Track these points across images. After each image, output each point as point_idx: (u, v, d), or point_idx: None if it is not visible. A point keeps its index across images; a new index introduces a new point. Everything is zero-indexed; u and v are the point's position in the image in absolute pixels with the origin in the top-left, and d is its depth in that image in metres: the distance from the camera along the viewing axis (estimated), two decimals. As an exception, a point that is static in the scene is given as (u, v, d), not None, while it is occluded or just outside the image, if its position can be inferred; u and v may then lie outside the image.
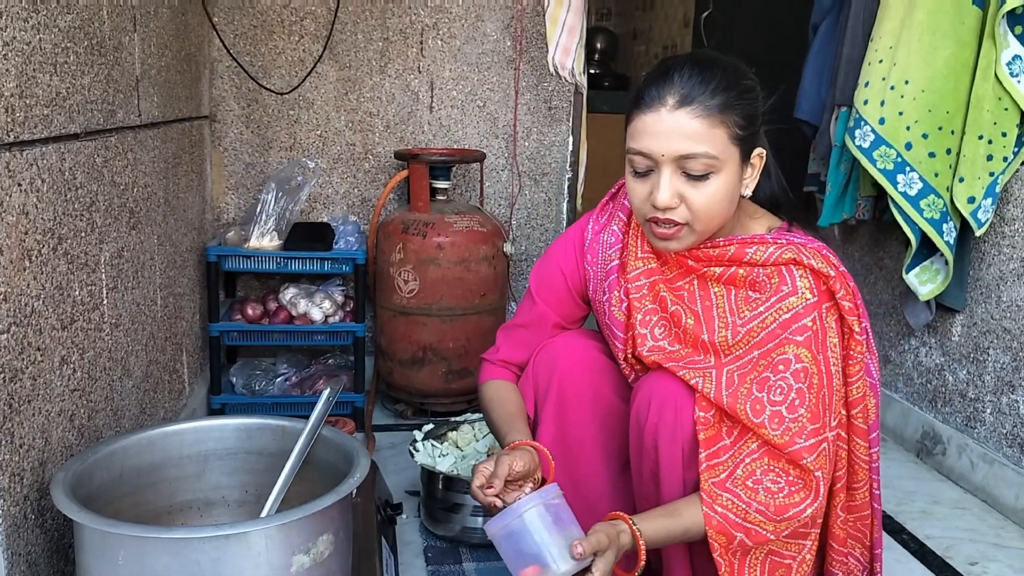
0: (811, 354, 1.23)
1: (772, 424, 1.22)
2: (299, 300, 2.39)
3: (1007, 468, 2.04)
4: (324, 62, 2.57)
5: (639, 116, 1.23)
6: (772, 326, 1.25)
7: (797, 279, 1.25)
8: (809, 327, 1.23)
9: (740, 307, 1.29)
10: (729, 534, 1.22)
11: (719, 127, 1.20)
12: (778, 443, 1.21)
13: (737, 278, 1.29)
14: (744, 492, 1.22)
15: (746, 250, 1.28)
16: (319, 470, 1.32)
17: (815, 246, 1.30)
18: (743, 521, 1.22)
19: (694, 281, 1.34)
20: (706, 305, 1.32)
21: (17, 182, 1.13)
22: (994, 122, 1.95)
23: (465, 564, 1.74)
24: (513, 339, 1.53)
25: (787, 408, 1.22)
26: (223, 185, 2.60)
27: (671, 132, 1.20)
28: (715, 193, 1.22)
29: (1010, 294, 2.03)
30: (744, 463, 1.23)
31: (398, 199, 2.70)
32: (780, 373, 1.23)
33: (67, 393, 1.30)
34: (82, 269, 1.37)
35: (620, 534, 1.17)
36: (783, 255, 1.26)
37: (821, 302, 1.25)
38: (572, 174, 2.79)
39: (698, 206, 1.22)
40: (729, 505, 1.22)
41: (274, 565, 1.08)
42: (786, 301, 1.25)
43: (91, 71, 1.41)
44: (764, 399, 1.22)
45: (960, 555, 1.87)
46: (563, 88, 2.73)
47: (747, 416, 1.22)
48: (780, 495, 1.22)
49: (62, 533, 1.27)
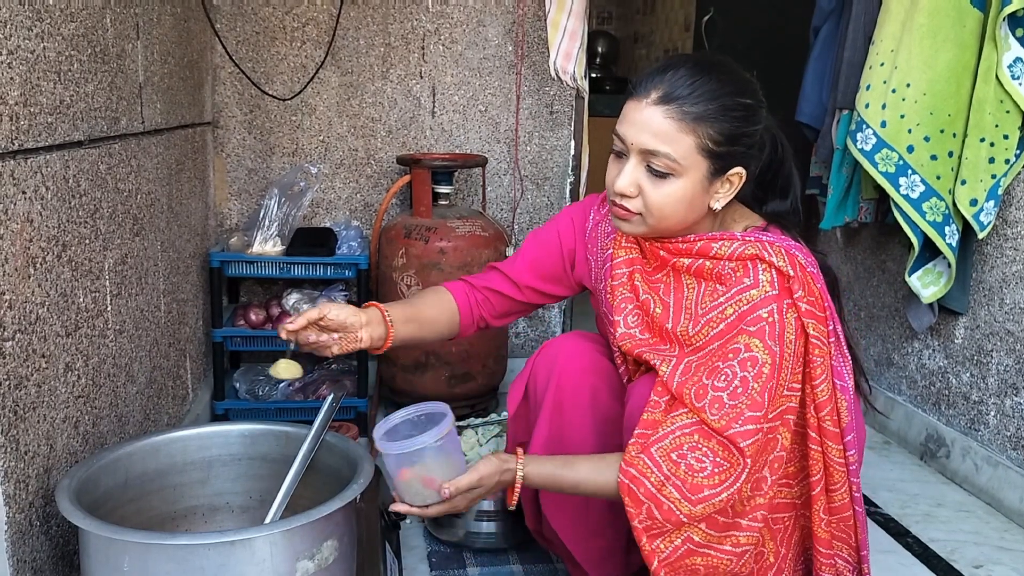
0: (763, 344, 1.22)
1: (712, 408, 1.21)
2: (302, 305, 2.39)
3: (1011, 470, 2.04)
4: (326, 68, 2.58)
5: (628, 101, 1.27)
6: (731, 317, 1.25)
7: (760, 272, 1.25)
8: (764, 318, 1.22)
9: (704, 299, 1.30)
10: (637, 499, 1.20)
11: (688, 135, 1.22)
12: (716, 426, 1.20)
13: (704, 270, 1.31)
14: (665, 463, 1.21)
15: (712, 245, 1.31)
16: (323, 476, 1.32)
17: (784, 245, 1.28)
18: (657, 492, 1.20)
19: (670, 274, 1.36)
20: (677, 297, 1.34)
21: (22, 190, 1.13)
22: (996, 124, 1.95)
23: (469, 569, 1.74)
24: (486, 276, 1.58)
25: (729, 395, 1.21)
26: (226, 191, 2.61)
27: (642, 125, 1.23)
28: (671, 194, 1.25)
29: (1013, 296, 2.03)
30: (674, 435, 1.22)
31: (400, 204, 2.70)
32: (728, 361, 1.23)
33: (72, 400, 1.31)
34: (86, 276, 1.37)
35: (505, 471, 1.26)
36: (746, 250, 1.27)
37: (782, 297, 1.24)
38: (574, 178, 2.79)
39: (651, 202, 1.26)
40: (646, 471, 1.20)
41: (279, 571, 1.09)
42: (746, 293, 1.25)
43: (95, 79, 1.41)
44: (709, 385, 1.22)
45: (964, 558, 1.87)
46: (564, 92, 2.74)
47: (690, 400, 1.22)
48: (701, 474, 1.20)
49: (67, 540, 1.27)
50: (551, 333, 2.85)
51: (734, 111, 1.24)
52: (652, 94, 1.23)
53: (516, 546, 1.80)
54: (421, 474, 1.23)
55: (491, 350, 2.46)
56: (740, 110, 1.25)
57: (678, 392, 1.24)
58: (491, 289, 1.55)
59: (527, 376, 1.51)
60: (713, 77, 1.23)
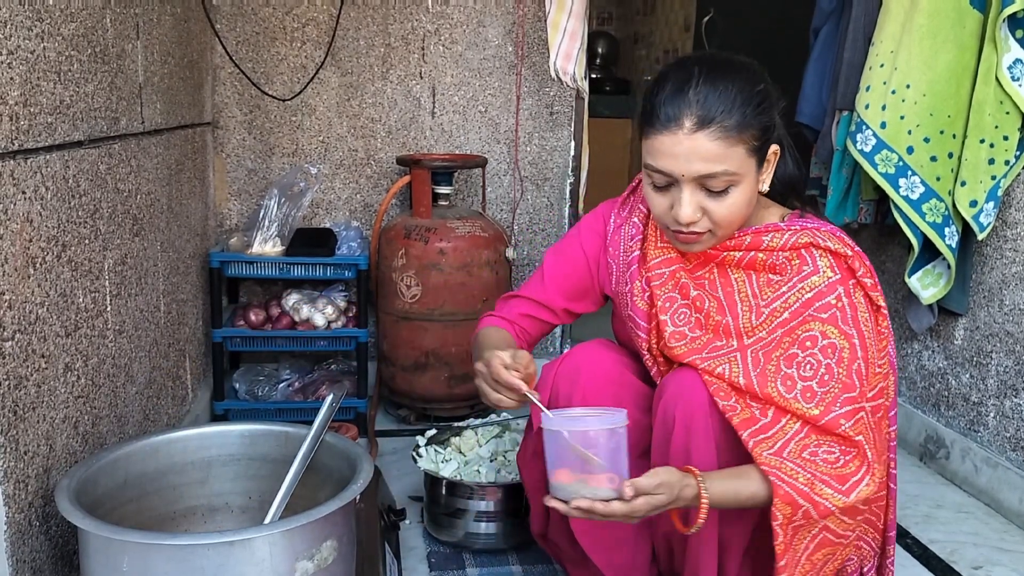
0: (838, 330, 1.24)
1: (804, 397, 1.22)
2: (302, 306, 2.39)
3: (1011, 472, 2.04)
4: (326, 68, 2.58)
5: (656, 136, 1.23)
6: (795, 305, 1.27)
7: (817, 259, 1.28)
8: (833, 304, 1.25)
9: (763, 290, 1.31)
10: (795, 504, 1.19)
11: (737, 144, 1.21)
12: (813, 415, 1.21)
13: (757, 262, 1.31)
14: (805, 464, 1.21)
15: (762, 238, 1.31)
16: (322, 476, 1.32)
17: (828, 229, 1.32)
18: (811, 492, 1.20)
19: (714, 270, 1.36)
20: (727, 291, 1.33)
21: (21, 190, 1.13)
22: (995, 126, 1.95)
23: (468, 569, 1.74)
24: (512, 306, 1.55)
25: (818, 383, 1.23)
26: (226, 191, 2.61)
27: (690, 155, 1.21)
28: (735, 203, 1.25)
29: (1012, 298, 2.03)
30: (792, 443, 1.22)
31: (400, 205, 2.71)
32: (808, 349, 1.24)
33: (71, 400, 1.31)
34: (86, 276, 1.37)
35: (685, 487, 1.17)
36: (799, 239, 1.29)
37: (846, 279, 1.27)
38: (574, 179, 2.79)
39: (719, 218, 1.25)
40: (795, 475, 1.20)
41: (278, 571, 1.09)
42: (808, 280, 1.27)
43: (94, 79, 1.41)
44: (794, 375, 1.24)
45: (964, 559, 1.87)
46: (564, 93, 2.74)
47: (779, 393, 1.23)
48: (837, 465, 1.22)
49: (66, 540, 1.27)
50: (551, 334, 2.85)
51: (761, 103, 1.24)
52: (685, 122, 1.20)
53: (516, 547, 1.80)
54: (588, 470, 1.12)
55: (491, 351, 2.46)
56: (763, 97, 1.25)
57: (761, 388, 1.24)
58: (527, 316, 1.53)
59: (550, 385, 1.46)
60: (729, 78, 1.23)
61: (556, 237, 2.84)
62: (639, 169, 1.33)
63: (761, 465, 1.20)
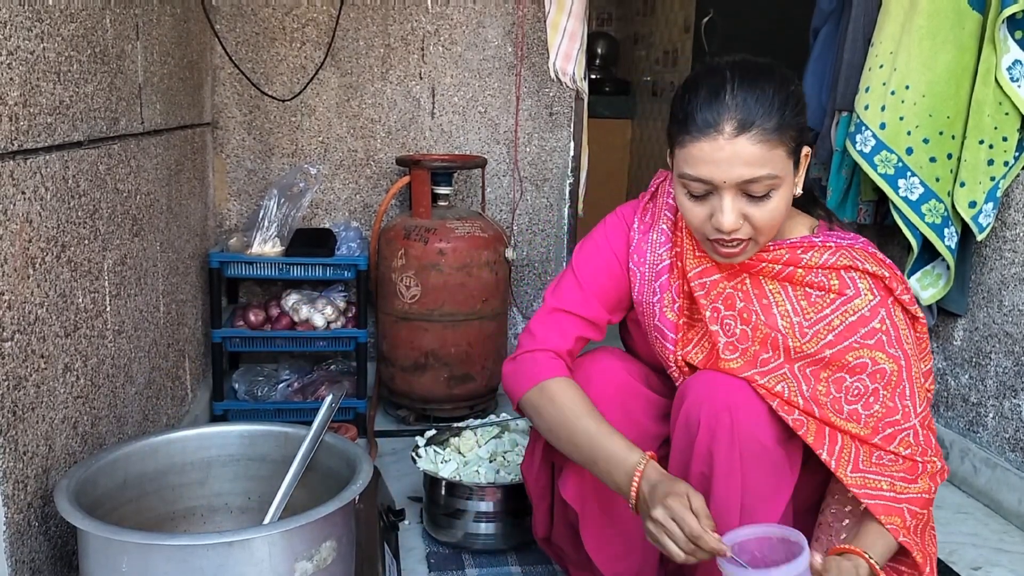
0: (885, 355, 1.25)
1: (852, 420, 1.25)
2: (301, 306, 2.39)
3: (1010, 472, 2.04)
4: (326, 69, 2.58)
5: (693, 143, 1.20)
6: (839, 328, 1.27)
7: (857, 281, 1.28)
8: (878, 329, 1.26)
9: (803, 306, 1.29)
10: (898, 511, 1.21)
11: (778, 147, 1.19)
12: (863, 435, 1.24)
13: (795, 276, 1.30)
14: (881, 470, 1.24)
15: (799, 255, 1.29)
16: (322, 476, 1.32)
17: (861, 245, 1.32)
18: (895, 493, 1.22)
19: (746, 280, 1.34)
20: (764, 304, 1.32)
21: (21, 190, 1.13)
22: (995, 127, 1.95)
23: (468, 570, 1.74)
24: (557, 325, 1.40)
25: (863, 406, 1.25)
26: (225, 192, 2.61)
27: (732, 160, 1.18)
28: (776, 207, 1.23)
29: (1012, 298, 2.03)
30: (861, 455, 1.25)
31: (400, 205, 2.71)
32: (857, 375, 1.25)
33: (70, 400, 1.31)
34: (85, 276, 1.37)
35: (858, 569, 1.16)
36: (839, 261, 1.28)
37: (885, 299, 1.28)
38: (573, 179, 2.79)
39: (762, 222, 1.23)
40: (879, 484, 1.23)
41: (277, 572, 1.09)
42: (851, 304, 1.27)
43: (94, 79, 1.41)
44: (842, 399, 1.25)
45: (963, 560, 1.87)
46: (564, 93, 2.74)
47: (831, 418, 1.25)
48: (897, 464, 1.24)
49: (66, 540, 1.27)
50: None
51: (798, 103, 1.23)
52: (725, 128, 1.18)
53: (515, 548, 1.80)
54: None
55: (490, 351, 2.46)
56: (798, 98, 1.23)
57: (821, 414, 1.25)
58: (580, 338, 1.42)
59: None
60: (764, 79, 1.21)
61: (556, 238, 2.84)
62: (639, 169, 1.33)
63: (849, 487, 1.23)
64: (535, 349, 1.39)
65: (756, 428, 1.26)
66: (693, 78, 1.25)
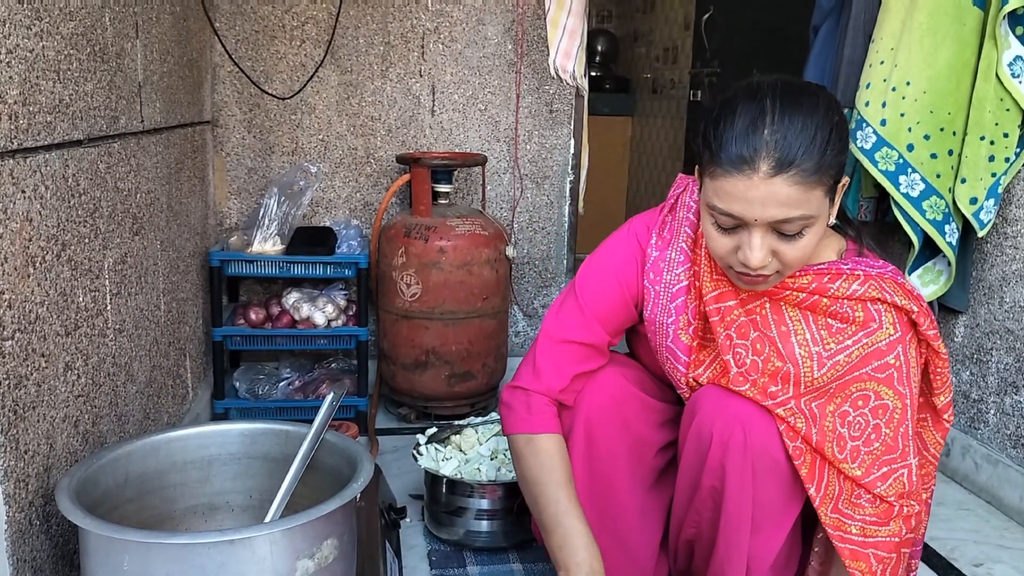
0: (892, 391, 1.24)
1: (851, 459, 1.24)
2: (302, 304, 2.39)
3: (1011, 469, 2.04)
4: (326, 67, 2.58)
5: (726, 177, 1.13)
6: (855, 360, 1.24)
7: (883, 314, 1.24)
8: (892, 364, 1.24)
9: (824, 336, 1.25)
10: (863, 556, 1.23)
11: (815, 188, 1.12)
12: (855, 475, 1.24)
13: (819, 306, 1.26)
14: (854, 511, 1.25)
15: (828, 285, 1.25)
16: (323, 474, 1.32)
17: (891, 274, 1.27)
18: (864, 537, 1.24)
19: (766, 304, 1.29)
20: (782, 331, 1.27)
21: (21, 189, 1.13)
22: (996, 123, 1.95)
23: (469, 568, 1.74)
24: (562, 358, 1.38)
25: (864, 443, 1.24)
26: (225, 190, 2.61)
27: (766, 200, 1.11)
28: (808, 244, 1.16)
29: (1013, 295, 2.03)
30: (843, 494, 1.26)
31: (400, 203, 2.70)
32: (859, 408, 1.24)
33: (71, 399, 1.31)
34: (86, 275, 1.37)
35: None
36: (868, 292, 1.24)
37: (904, 335, 1.24)
38: (574, 177, 2.79)
39: (791, 260, 1.17)
40: (849, 528, 1.24)
41: (279, 570, 1.09)
42: (872, 337, 1.24)
43: (94, 77, 1.41)
44: (846, 435, 1.24)
45: (964, 556, 1.87)
46: (564, 91, 2.74)
47: (832, 454, 1.24)
48: (872, 506, 1.25)
49: (67, 539, 1.27)
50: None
51: (839, 139, 1.15)
52: (762, 165, 1.10)
53: (516, 545, 1.80)
54: None
55: (491, 349, 2.46)
56: (842, 133, 1.16)
57: (819, 446, 1.24)
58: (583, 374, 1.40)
59: None
60: (806, 112, 1.12)
61: (556, 236, 2.84)
62: (639, 167, 1.32)
63: (826, 526, 1.25)
64: (532, 391, 1.39)
65: (768, 443, 1.26)
66: (730, 101, 1.16)
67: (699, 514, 1.34)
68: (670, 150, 4.59)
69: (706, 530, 1.34)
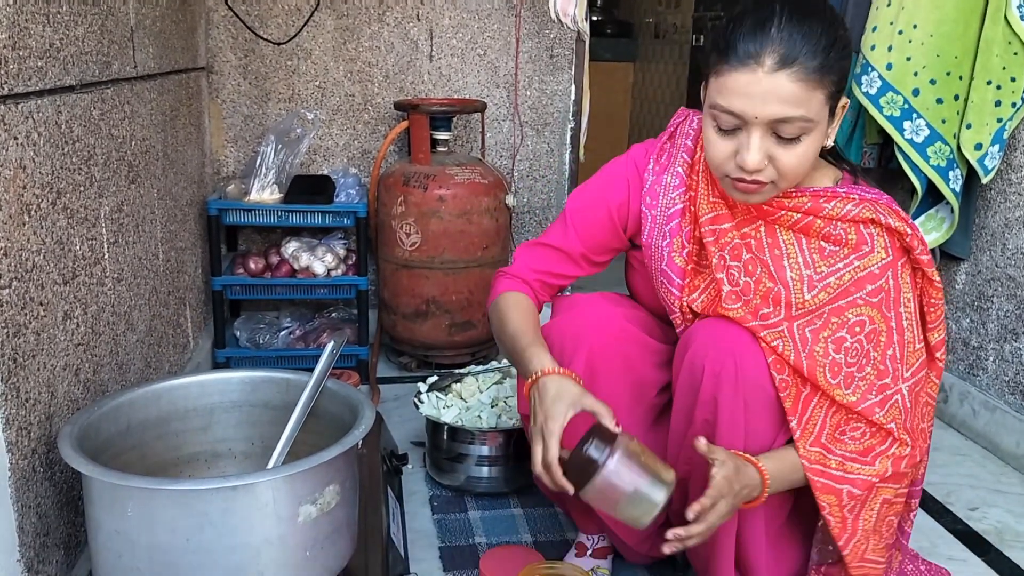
0: (880, 314, 1.24)
1: (845, 384, 1.24)
2: (301, 254, 2.38)
3: (1008, 415, 2.05)
4: (321, 11, 2.53)
5: (730, 73, 1.16)
6: (847, 283, 1.25)
7: (875, 237, 1.26)
8: (883, 288, 1.24)
9: (815, 259, 1.27)
10: (836, 491, 1.24)
11: (817, 89, 1.15)
12: (851, 402, 1.24)
13: (812, 227, 1.28)
14: (836, 445, 1.25)
15: (822, 204, 1.26)
16: (324, 422, 1.33)
17: (885, 201, 1.29)
18: (844, 473, 1.24)
19: (761, 227, 1.31)
20: (775, 254, 1.29)
21: (13, 135, 1.11)
22: (1003, 67, 1.92)
23: (470, 512, 1.76)
24: (534, 255, 1.47)
25: (857, 368, 1.24)
26: (222, 138, 2.58)
27: (767, 95, 1.14)
28: (805, 153, 1.19)
29: (1015, 242, 2.02)
30: (827, 417, 1.26)
31: (398, 151, 2.68)
32: (856, 335, 1.24)
33: (71, 348, 1.31)
34: (82, 223, 1.36)
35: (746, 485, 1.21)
36: (862, 213, 1.25)
37: (897, 260, 1.26)
38: (575, 124, 2.76)
39: (786, 167, 1.19)
40: (828, 461, 1.24)
41: (281, 515, 1.10)
42: (864, 260, 1.25)
43: (84, 21, 1.38)
44: (841, 360, 1.24)
45: (960, 501, 1.89)
46: (565, 36, 2.69)
47: (826, 380, 1.24)
48: (865, 439, 1.26)
49: (71, 485, 1.29)
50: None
51: (845, 48, 1.18)
52: (766, 60, 1.13)
53: (517, 491, 1.82)
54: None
55: (491, 298, 2.46)
56: (845, 43, 1.18)
57: (810, 373, 1.24)
58: (551, 273, 1.46)
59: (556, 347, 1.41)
60: (814, 17, 1.16)
61: (556, 184, 2.81)
62: (641, 113, 1.31)
63: (802, 459, 1.25)
64: (506, 273, 1.48)
65: (760, 376, 1.26)
66: (741, 9, 1.20)
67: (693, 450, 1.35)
68: (672, 96, 4.52)
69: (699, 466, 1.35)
